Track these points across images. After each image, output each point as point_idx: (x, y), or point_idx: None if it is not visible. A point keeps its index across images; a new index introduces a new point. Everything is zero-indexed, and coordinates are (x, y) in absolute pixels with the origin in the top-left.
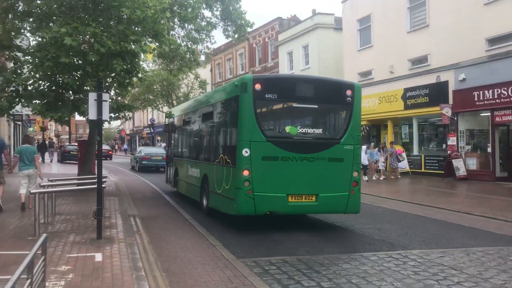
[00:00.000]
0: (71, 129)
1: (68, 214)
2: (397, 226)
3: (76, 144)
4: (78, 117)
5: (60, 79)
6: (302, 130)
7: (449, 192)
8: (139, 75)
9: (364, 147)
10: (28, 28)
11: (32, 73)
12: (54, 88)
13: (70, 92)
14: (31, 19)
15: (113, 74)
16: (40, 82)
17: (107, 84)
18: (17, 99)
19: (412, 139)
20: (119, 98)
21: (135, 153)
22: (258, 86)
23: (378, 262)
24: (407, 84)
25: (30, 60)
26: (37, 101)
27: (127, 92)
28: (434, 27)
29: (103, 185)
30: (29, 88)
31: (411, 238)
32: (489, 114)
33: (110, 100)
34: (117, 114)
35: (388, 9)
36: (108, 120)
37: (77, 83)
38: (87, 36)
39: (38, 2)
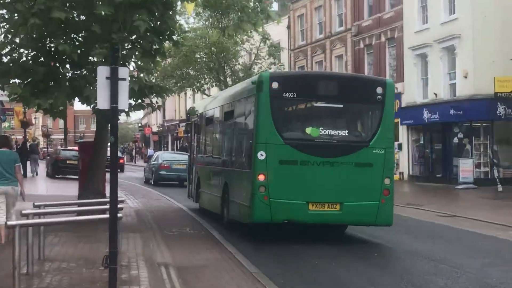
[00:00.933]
0: (68, 125)
1: (65, 260)
2: None
3: (76, 148)
4: (79, 106)
5: (52, 45)
6: (324, 131)
7: None
8: (174, 37)
9: None
10: None
11: (10, 36)
12: (43, 59)
13: (68, 66)
14: None
15: (134, 37)
16: (22, 50)
17: (124, 52)
18: None
19: None
20: (142, 75)
21: (150, 160)
22: (275, 85)
23: None
24: None
25: (6, 16)
26: (17, 81)
27: (156, 66)
28: None
29: (119, 215)
30: (5, 60)
31: None
32: None
33: (129, 77)
34: (139, 101)
35: None
36: (127, 110)
37: (79, 51)
38: None
39: None
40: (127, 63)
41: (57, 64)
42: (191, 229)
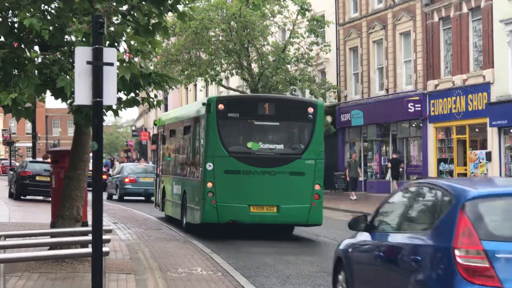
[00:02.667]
0: (38, 129)
1: None
2: None
3: (48, 159)
4: (51, 102)
5: (15, 20)
6: (263, 146)
7: None
8: (180, 7)
9: None
10: None
11: None
12: (2, 39)
13: (37, 47)
14: None
15: (124, 7)
16: None
17: (111, 29)
18: None
19: None
20: (136, 59)
21: (113, 172)
22: (221, 107)
23: None
24: None
25: None
26: None
27: (155, 47)
28: None
29: (104, 249)
30: None
31: None
32: None
33: (118, 62)
34: (132, 95)
35: None
36: (115, 107)
37: (51, 27)
38: None
39: None
40: (115, 43)
41: (22, 45)
42: (203, 269)
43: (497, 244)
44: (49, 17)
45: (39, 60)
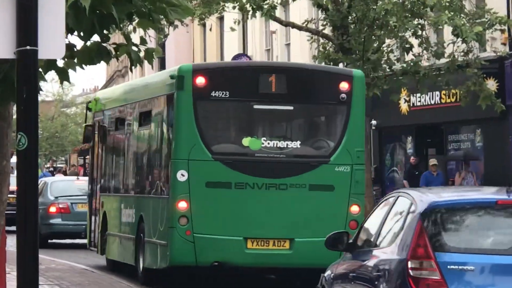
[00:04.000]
0: None
1: None
2: None
3: None
4: None
5: None
6: (268, 143)
7: None
8: None
9: None
10: None
11: None
12: None
13: None
14: None
15: None
16: None
17: None
18: None
19: None
20: None
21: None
22: (200, 80)
23: None
24: None
25: None
26: None
27: None
28: None
29: None
30: None
31: None
32: None
33: None
34: (96, 40)
35: None
36: (63, 63)
37: None
38: None
39: None
40: None
41: None
42: None
43: (451, 256)
44: None
45: None
